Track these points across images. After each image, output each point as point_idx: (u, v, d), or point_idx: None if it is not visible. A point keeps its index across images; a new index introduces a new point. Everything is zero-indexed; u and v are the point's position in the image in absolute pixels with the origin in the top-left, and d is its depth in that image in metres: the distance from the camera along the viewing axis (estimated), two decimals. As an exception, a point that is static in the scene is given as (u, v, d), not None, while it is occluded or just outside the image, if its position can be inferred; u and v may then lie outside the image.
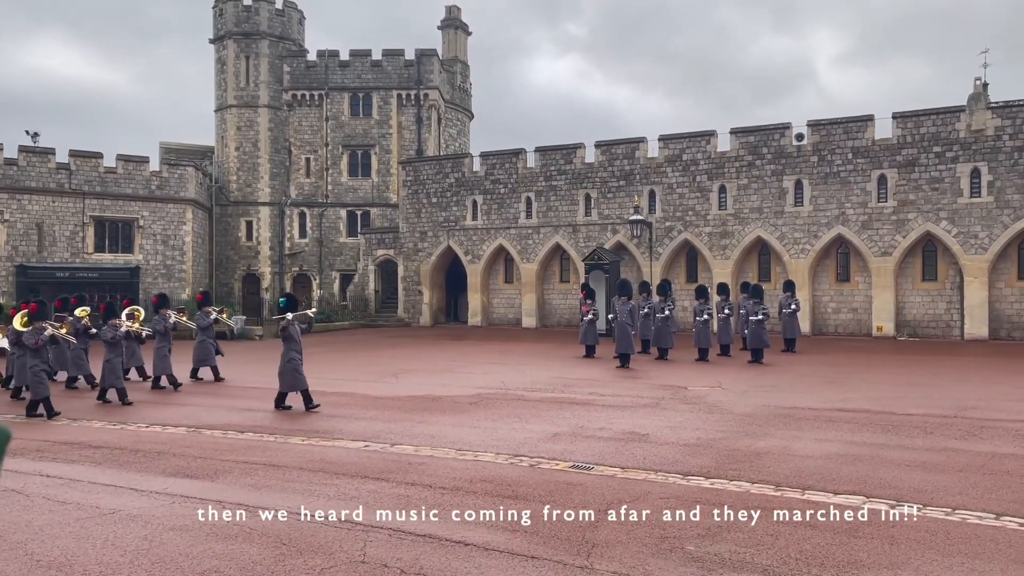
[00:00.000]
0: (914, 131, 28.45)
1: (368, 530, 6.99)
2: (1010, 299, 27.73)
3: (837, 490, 8.23)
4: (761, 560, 6.16)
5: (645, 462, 9.64)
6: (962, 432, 11.22)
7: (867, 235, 29.15)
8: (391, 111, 44.01)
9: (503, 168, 36.51)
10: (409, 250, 38.99)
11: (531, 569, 6.02)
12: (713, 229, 31.88)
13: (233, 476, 9.23)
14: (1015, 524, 7.04)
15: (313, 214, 44.46)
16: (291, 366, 14.01)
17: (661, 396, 15.06)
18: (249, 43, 44.13)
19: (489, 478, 8.92)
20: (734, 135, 31.67)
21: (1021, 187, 26.79)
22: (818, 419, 12.41)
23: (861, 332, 29.81)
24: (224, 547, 6.60)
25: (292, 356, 14.05)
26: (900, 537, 6.71)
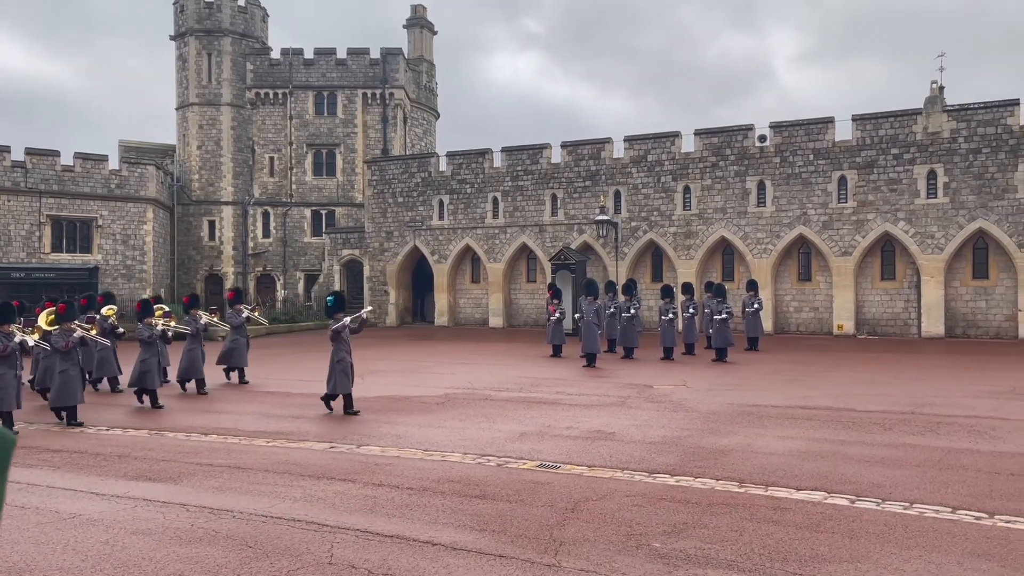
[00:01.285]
0: (873, 133, 29.00)
1: (335, 531, 6.95)
2: (965, 298, 28.40)
3: (799, 486, 8.37)
4: (726, 556, 6.25)
5: (611, 460, 9.71)
6: (919, 428, 11.47)
7: (828, 235, 29.65)
8: (356, 110, 43.73)
9: (469, 168, 36.48)
10: (375, 250, 38.78)
11: (499, 568, 6.04)
12: (678, 229, 32.19)
13: (196, 479, 9.12)
14: (970, 517, 7.22)
15: (277, 214, 44.01)
16: (340, 367, 13.50)
17: (627, 395, 15.17)
18: (211, 40, 43.54)
19: (456, 478, 8.92)
20: (698, 136, 32.00)
21: (976, 188, 27.45)
22: (781, 416, 12.60)
23: (822, 331, 30.31)
24: (188, 550, 6.52)
25: (342, 357, 13.56)
26: (860, 531, 6.85)
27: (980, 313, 28.19)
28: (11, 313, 12.93)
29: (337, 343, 13.72)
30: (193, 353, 16.43)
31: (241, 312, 18.42)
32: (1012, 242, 26.89)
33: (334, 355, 13.67)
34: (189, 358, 16.40)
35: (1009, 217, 26.96)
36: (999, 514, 7.28)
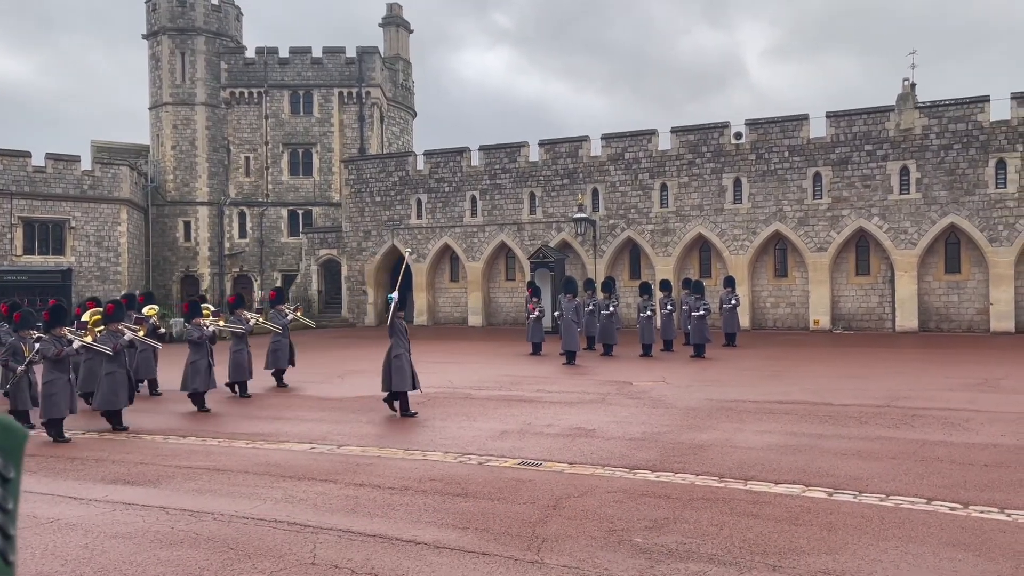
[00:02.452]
0: (847, 130, 29.32)
1: (317, 532, 6.94)
2: (938, 292, 28.81)
3: (778, 480, 8.47)
4: (707, 550, 6.31)
5: (592, 457, 9.76)
6: (895, 421, 11.64)
7: (803, 231, 29.94)
8: (332, 109, 43.49)
9: (447, 167, 36.43)
10: (353, 249, 38.61)
11: (482, 565, 6.06)
12: (655, 227, 32.35)
13: (176, 481, 9.05)
14: (945, 508, 7.34)
15: (253, 214, 43.68)
16: (397, 363, 13.01)
17: (607, 392, 15.24)
18: (184, 39, 43.12)
19: (438, 477, 8.93)
20: (675, 134, 32.17)
21: (947, 184, 27.84)
22: (759, 411, 12.72)
23: (799, 326, 30.61)
24: (169, 554, 6.48)
25: (399, 353, 13.06)
26: (838, 523, 6.94)
27: (953, 307, 28.61)
28: (64, 316, 12.48)
29: (396, 338, 13.16)
30: (239, 355, 15.71)
31: (284, 313, 17.70)
32: (983, 237, 27.31)
33: (390, 351, 13.12)
34: (235, 360, 15.71)
35: (980, 212, 27.38)
36: (973, 505, 7.41)
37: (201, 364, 14.15)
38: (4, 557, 0.88)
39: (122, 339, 12.81)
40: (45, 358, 11.71)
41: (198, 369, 14.14)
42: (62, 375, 11.71)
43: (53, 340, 11.85)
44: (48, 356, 11.65)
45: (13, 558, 0.89)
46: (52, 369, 11.65)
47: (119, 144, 45.08)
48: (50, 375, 11.63)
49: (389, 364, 13.08)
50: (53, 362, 11.66)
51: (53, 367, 11.66)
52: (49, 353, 11.63)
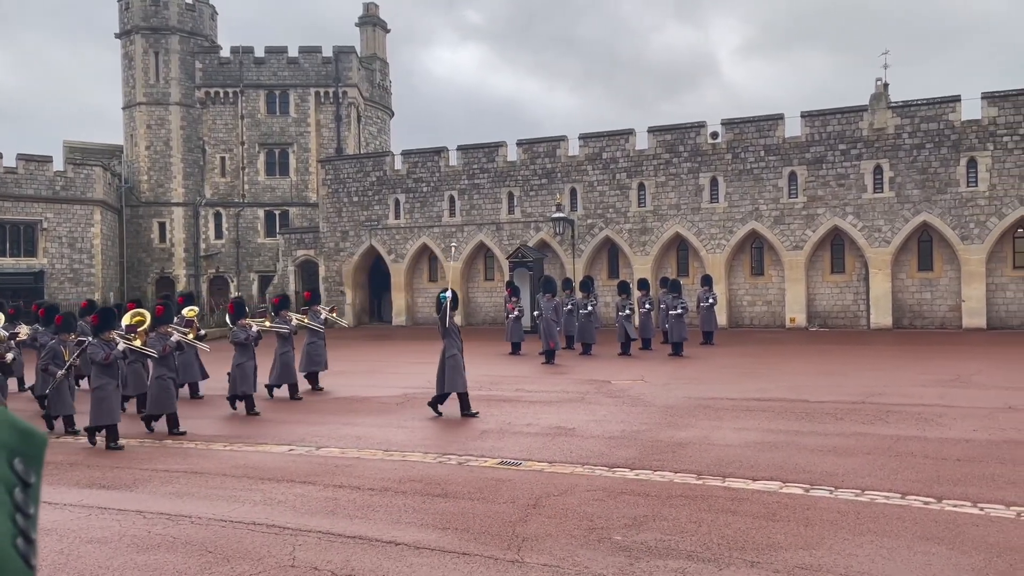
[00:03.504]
0: (821, 129, 29.62)
1: (297, 534, 6.91)
2: (911, 289, 29.18)
3: (756, 476, 8.55)
4: (685, 547, 6.36)
5: (572, 456, 9.79)
6: (870, 417, 11.78)
7: (779, 230, 30.21)
8: (309, 109, 43.23)
9: (425, 166, 36.34)
10: (330, 250, 38.41)
11: (462, 565, 6.06)
12: (633, 226, 32.49)
13: (153, 485, 8.96)
14: (919, 503, 7.45)
15: (229, 214, 43.31)
16: (452, 363, 12.76)
17: (586, 390, 15.29)
18: (158, 38, 42.66)
19: (418, 477, 8.92)
20: (652, 133, 32.32)
21: (920, 183, 28.21)
22: (737, 409, 12.83)
23: (775, 324, 30.87)
24: (146, 558, 6.42)
25: (453, 353, 12.79)
26: (814, 519, 7.02)
27: (926, 304, 29.00)
28: (113, 319, 12.08)
29: (449, 339, 12.93)
30: (286, 357, 15.38)
31: (319, 313, 17.33)
32: (955, 235, 27.70)
33: (445, 352, 12.85)
34: (282, 362, 15.35)
35: (952, 211, 27.77)
36: (946, 499, 7.53)
37: (248, 367, 13.88)
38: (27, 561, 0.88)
39: (170, 341, 12.58)
40: (94, 363, 11.31)
41: (246, 372, 13.84)
42: (111, 380, 11.34)
43: (101, 344, 11.40)
44: (97, 360, 11.22)
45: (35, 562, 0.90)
46: (101, 374, 11.25)
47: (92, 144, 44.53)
48: (99, 380, 11.24)
49: (443, 364, 12.81)
50: (102, 367, 11.24)
51: (102, 372, 11.26)
52: (98, 357, 11.20)
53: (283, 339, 15.46)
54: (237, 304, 15.01)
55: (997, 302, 27.80)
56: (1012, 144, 26.92)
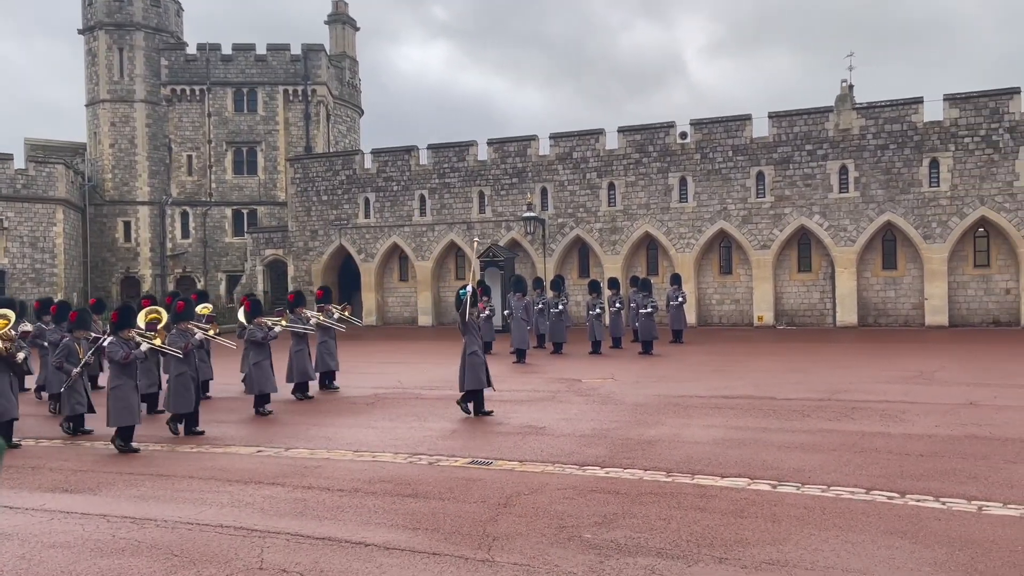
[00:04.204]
0: (788, 130, 29.98)
1: (265, 536, 6.84)
2: (876, 288, 29.67)
3: (724, 473, 8.63)
4: (655, 544, 6.40)
5: (542, 455, 9.81)
6: (835, 414, 11.95)
7: (747, 229, 30.53)
8: (278, 107, 42.84)
9: (395, 165, 36.19)
10: (299, 249, 38.10)
11: (433, 566, 6.04)
12: (603, 225, 32.64)
13: (117, 488, 8.82)
14: (883, 498, 7.57)
15: (196, 213, 42.78)
16: (474, 361, 12.62)
17: (557, 389, 15.33)
18: (123, 34, 42.00)
19: (388, 478, 8.87)
20: (621, 133, 32.49)
21: (884, 183, 28.68)
22: (705, 406, 12.94)
23: (743, 322, 31.20)
24: (110, 562, 6.31)
25: (474, 350, 12.65)
26: (782, 515, 7.10)
27: (890, 302, 29.49)
28: (132, 317, 11.58)
29: (469, 336, 12.76)
30: (301, 355, 15.08)
31: (331, 312, 16.98)
32: (918, 234, 28.20)
33: (466, 349, 12.67)
34: (299, 360, 15.04)
35: (915, 210, 28.27)
36: (910, 494, 7.66)
37: (265, 365, 13.62)
38: None
39: (193, 339, 12.25)
40: (112, 362, 10.87)
41: (263, 370, 13.58)
42: (130, 380, 10.93)
43: (120, 342, 10.94)
44: (116, 359, 10.79)
45: None
46: (120, 374, 10.84)
47: (54, 142, 43.73)
48: (117, 380, 10.83)
49: (464, 363, 12.64)
50: (120, 366, 10.84)
51: (121, 372, 10.84)
52: (117, 356, 10.78)
53: (298, 337, 15.17)
54: (253, 302, 14.64)
55: (958, 300, 28.36)
56: (973, 145, 27.47)
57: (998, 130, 27.21)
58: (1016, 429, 10.46)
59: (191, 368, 12.05)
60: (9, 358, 11.22)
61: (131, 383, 10.98)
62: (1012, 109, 27.06)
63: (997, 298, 28.07)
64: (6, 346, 11.18)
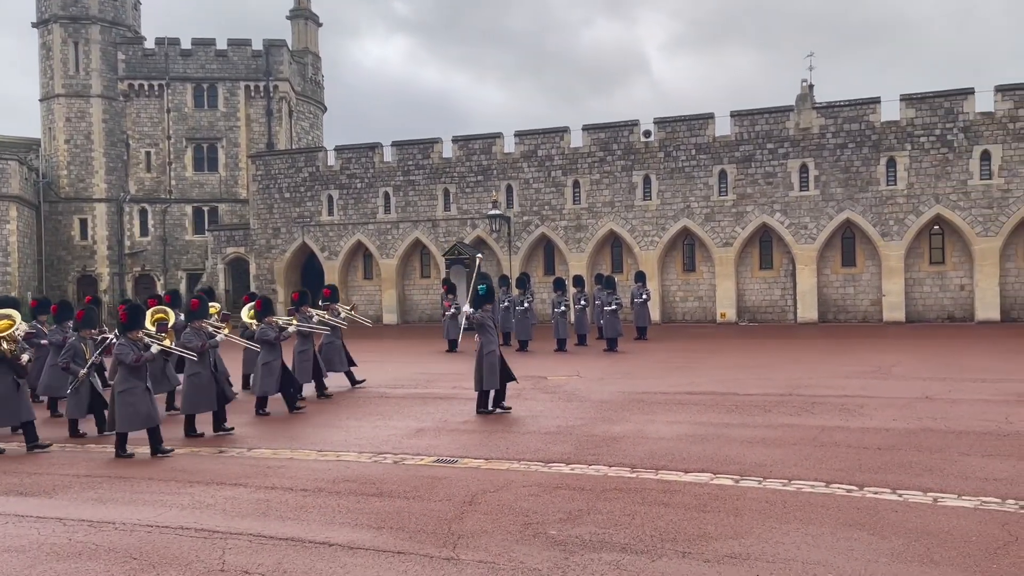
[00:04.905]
0: (750, 129, 30.35)
1: (226, 537, 6.75)
2: (835, 284, 30.18)
3: (687, 468, 8.71)
4: (619, 539, 6.44)
5: (508, 452, 9.81)
6: (796, 409, 12.13)
7: (710, 227, 30.85)
8: (239, 103, 42.25)
9: (359, 162, 35.93)
10: (262, 247, 37.65)
11: (397, 564, 6.01)
12: (568, 223, 32.75)
13: (73, 491, 8.64)
14: (842, 490, 7.71)
15: (156, 211, 42.04)
16: (490, 360, 12.44)
17: (522, 387, 15.34)
18: (78, 28, 41.09)
19: (352, 477, 8.81)
20: (586, 131, 32.62)
21: (843, 181, 29.18)
22: (669, 403, 13.05)
23: (706, 319, 31.53)
24: (66, 566, 6.18)
25: (491, 349, 12.51)
26: (744, 509, 7.19)
27: (849, 299, 30.03)
28: (141, 317, 11.10)
29: (485, 334, 12.59)
30: (304, 355, 14.77)
31: (338, 312, 16.71)
32: (876, 231, 28.74)
33: (482, 348, 12.52)
34: (302, 361, 14.75)
35: (873, 208, 28.81)
36: (868, 486, 7.81)
37: (275, 366, 13.34)
38: None
39: (211, 340, 11.93)
40: (122, 364, 10.35)
41: (272, 371, 13.31)
42: (140, 383, 10.43)
43: (130, 344, 10.46)
44: (126, 362, 10.28)
45: None
46: (129, 377, 10.35)
47: (7, 138, 42.63)
48: (127, 383, 10.33)
49: (481, 361, 12.50)
50: (130, 369, 10.34)
51: (130, 375, 10.35)
52: (128, 359, 10.27)
53: (303, 337, 14.91)
54: (265, 301, 14.35)
55: (915, 296, 28.97)
56: (928, 144, 28.06)
57: (952, 130, 27.84)
58: (970, 422, 10.72)
59: (206, 368, 11.76)
60: (13, 360, 10.84)
61: (141, 386, 10.46)
62: (966, 109, 27.70)
63: (952, 294, 28.72)
64: (10, 348, 10.78)
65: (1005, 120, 27.23)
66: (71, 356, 12.07)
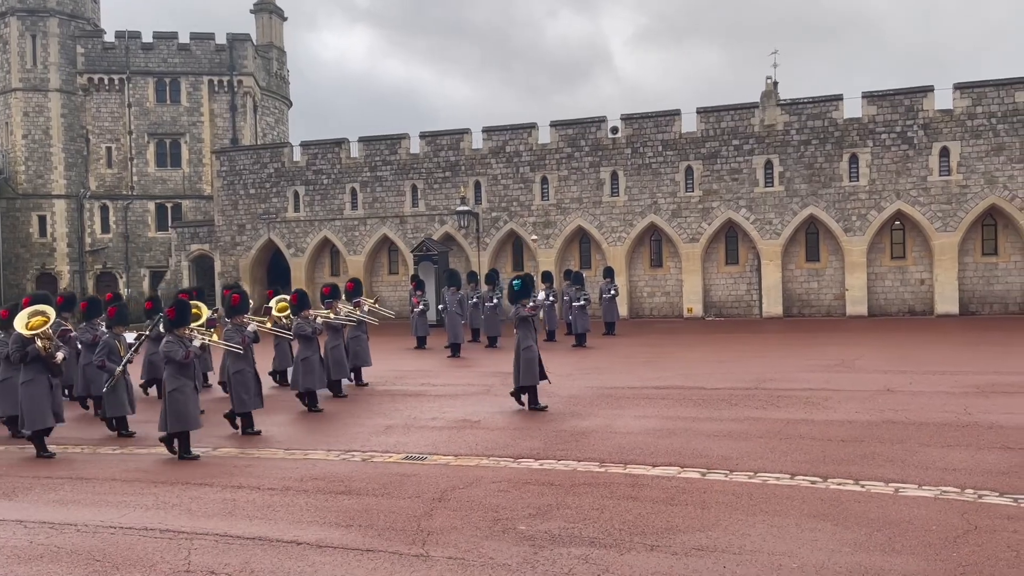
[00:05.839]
0: (715, 125, 30.61)
1: (192, 538, 6.66)
2: (800, 279, 30.59)
3: (655, 462, 8.78)
4: (588, 533, 6.47)
5: (477, 448, 9.82)
6: (762, 402, 12.29)
7: (677, 223, 31.08)
8: (202, 98, 41.64)
9: (326, 158, 35.61)
10: (226, 244, 37.17)
11: (366, 562, 5.99)
12: (537, 219, 32.78)
13: (34, 493, 8.47)
14: (807, 482, 7.83)
15: (117, 207, 41.29)
16: (528, 356, 12.27)
17: (491, 383, 15.34)
18: (36, 21, 40.18)
19: (320, 476, 8.75)
20: (554, 127, 32.66)
21: (807, 177, 29.57)
22: (637, 397, 13.14)
23: (674, 314, 31.78)
24: (27, 569, 6.06)
25: (529, 345, 12.33)
26: (711, 501, 7.27)
27: (813, 293, 30.45)
28: (188, 313, 10.68)
29: (524, 330, 12.41)
30: (337, 351, 14.51)
31: (363, 305, 16.44)
32: (839, 227, 29.18)
33: (520, 343, 12.32)
34: (335, 357, 14.46)
35: (836, 204, 29.23)
36: (831, 478, 7.94)
37: (313, 360, 13.12)
38: None
39: (248, 332, 11.67)
40: (171, 362, 9.98)
41: (311, 366, 13.06)
42: (189, 381, 10.09)
43: (178, 341, 10.09)
44: (176, 359, 9.92)
45: None
46: (178, 375, 9.96)
47: (-38, 132, 41.58)
48: (176, 382, 9.93)
49: (519, 357, 12.33)
50: (179, 366, 9.97)
51: (179, 372, 9.97)
52: (178, 356, 9.91)
53: (334, 332, 14.74)
54: (301, 295, 14.03)
55: (877, 291, 29.47)
56: (889, 141, 28.54)
57: (913, 127, 28.33)
58: (930, 414, 10.94)
59: (250, 364, 11.58)
60: (48, 359, 10.44)
61: (190, 385, 10.14)
62: (926, 106, 28.20)
63: (912, 288, 29.25)
64: (45, 345, 10.37)
65: (963, 117, 27.78)
66: (106, 354, 11.83)
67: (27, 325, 10.40)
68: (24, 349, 10.37)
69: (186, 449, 9.99)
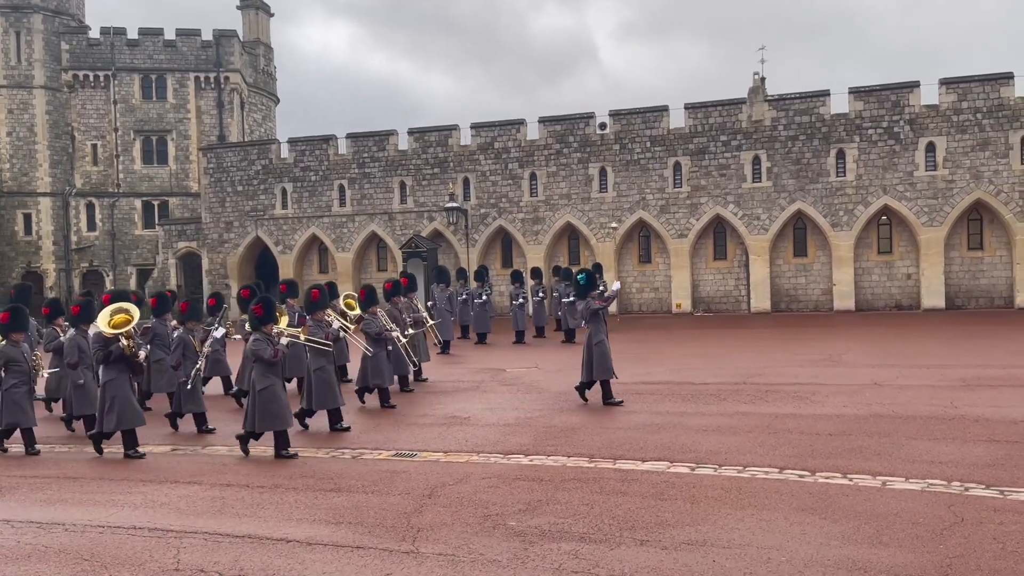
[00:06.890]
0: (703, 121, 30.68)
1: (181, 536, 6.64)
2: (788, 275, 30.73)
3: (645, 457, 8.81)
4: (578, 529, 6.49)
5: (467, 444, 9.82)
6: (750, 397, 12.34)
7: (665, 219, 31.15)
8: (188, 94, 41.38)
9: (313, 155, 35.47)
10: (214, 241, 36.99)
11: (356, 559, 5.98)
12: (526, 215, 32.78)
13: (21, 492, 8.42)
14: (795, 476, 7.87)
15: (103, 205, 41.01)
16: (600, 350, 12.07)
17: (481, 379, 15.35)
18: (19, 17, 39.82)
19: (310, 473, 8.74)
20: (542, 124, 32.65)
21: (795, 172, 29.69)
22: (626, 392, 13.16)
23: (662, 310, 31.86)
24: (14, 569, 6.02)
25: (601, 339, 12.08)
26: (700, 496, 7.30)
27: (801, 288, 30.60)
28: (273, 311, 10.34)
29: (596, 325, 12.22)
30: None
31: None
32: (826, 222, 29.32)
33: (591, 338, 12.15)
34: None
35: (823, 199, 29.37)
36: (819, 471, 7.98)
37: (381, 358, 12.83)
38: None
39: (331, 329, 11.54)
40: (259, 360, 9.70)
41: (379, 364, 12.79)
42: (277, 379, 9.86)
43: (265, 339, 9.83)
44: (265, 358, 9.64)
45: None
46: (266, 373, 9.70)
47: (-55, 130, 41.18)
48: (265, 380, 9.66)
49: (591, 351, 12.16)
50: (267, 365, 9.70)
51: (266, 371, 9.71)
52: (266, 354, 9.64)
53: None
54: (369, 290, 13.65)
55: (864, 285, 29.63)
56: (876, 136, 28.68)
57: (899, 122, 28.49)
58: (917, 407, 11.02)
59: (331, 362, 11.38)
60: (131, 358, 10.08)
61: (279, 383, 9.91)
62: (912, 102, 28.36)
63: (899, 283, 29.43)
64: (128, 344, 9.96)
65: (949, 112, 27.95)
66: (182, 350, 11.73)
67: (109, 323, 9.97)
68: (107, 348, 9.96)
69: (284, 445, 9.70)
